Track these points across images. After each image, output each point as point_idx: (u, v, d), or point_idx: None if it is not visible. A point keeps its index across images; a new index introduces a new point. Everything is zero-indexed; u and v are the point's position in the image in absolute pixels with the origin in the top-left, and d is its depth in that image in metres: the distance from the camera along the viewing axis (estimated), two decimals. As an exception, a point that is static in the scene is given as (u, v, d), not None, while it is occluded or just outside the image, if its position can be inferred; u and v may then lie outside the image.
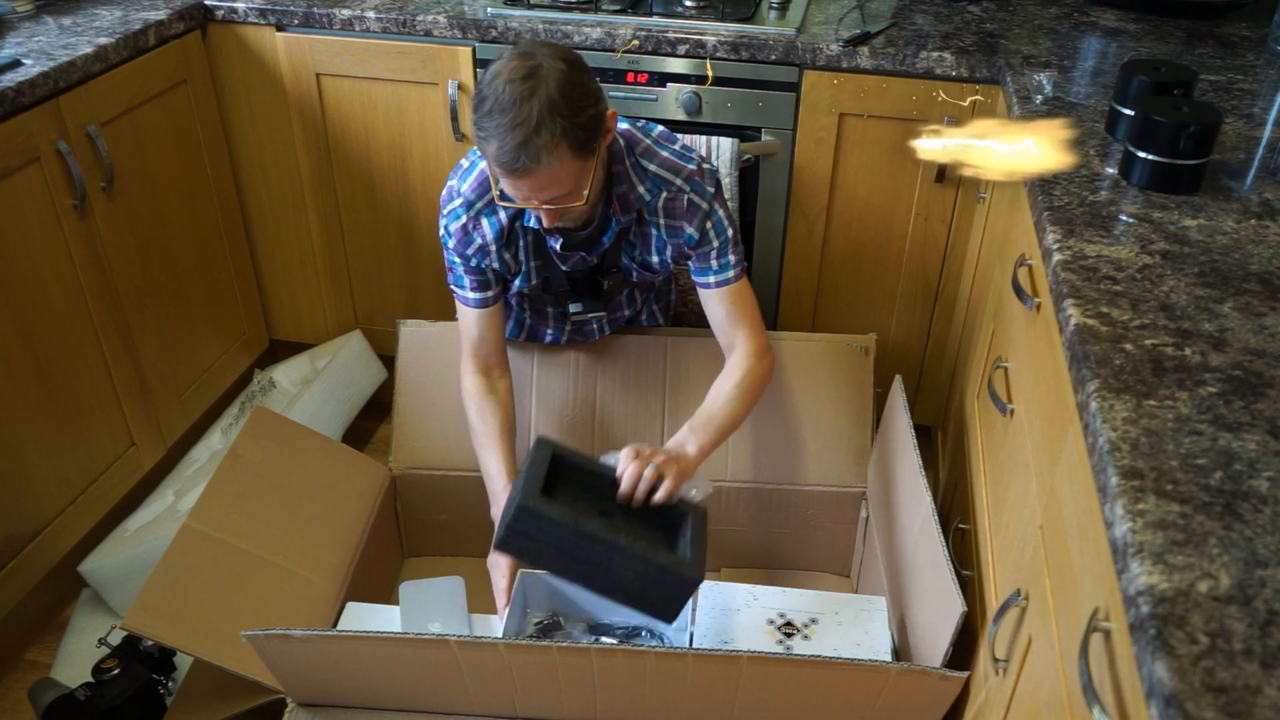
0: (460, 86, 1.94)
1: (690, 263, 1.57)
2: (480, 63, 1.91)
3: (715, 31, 1.83)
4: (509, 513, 1.28)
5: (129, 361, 1.89)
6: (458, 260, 1.53)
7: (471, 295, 1.57)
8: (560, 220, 1.40)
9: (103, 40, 1.74)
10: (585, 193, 1.35)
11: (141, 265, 1.90)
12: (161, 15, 1.88)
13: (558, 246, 1.51)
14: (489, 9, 1.90)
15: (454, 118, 1.96)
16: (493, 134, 1.27)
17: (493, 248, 1.51)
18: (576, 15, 1.89)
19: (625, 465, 1.34)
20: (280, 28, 1.97)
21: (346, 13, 1.91)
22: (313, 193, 2.14)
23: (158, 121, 1.90)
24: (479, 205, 1.48)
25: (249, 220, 2.22)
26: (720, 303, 1.56)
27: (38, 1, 1.92)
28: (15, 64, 1.63)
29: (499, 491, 1.54)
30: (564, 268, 1.56)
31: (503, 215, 1.48)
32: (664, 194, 1.48)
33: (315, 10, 1.92)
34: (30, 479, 1.71)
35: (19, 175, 1.60)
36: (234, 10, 1.95)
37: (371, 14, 1.90)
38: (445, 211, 1.50)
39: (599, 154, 1.35)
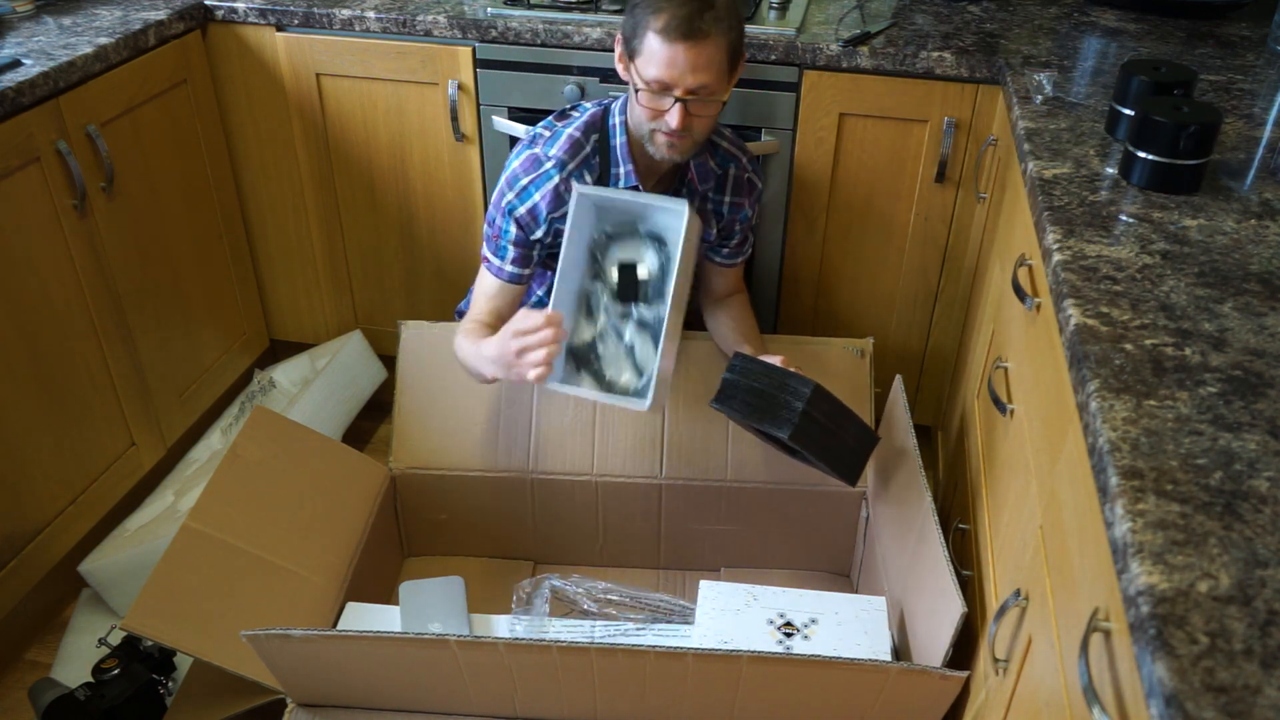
0: (460, 86, 1.94)
1: (724, 243, 1.68)
2: (480, 63, 1.91)
3: (715, 31, 1.82)
4: (796, 400, 1.42)
5: (129, 361, 1.89)
6: (515, 231, 1.55)
7: (509, 269, 1.58)
8: (686, 134, 1.44)
9: (103, 40, 1.74)
10: (725, 96, 1.44)
11: (141, 265, 1.90)
12: (161, 15, 1.88)
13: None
14: (489, 9, 1.90)
15: (454, 118, 1.96)
16: (667, 5, 1.36)
17: None
18: (576, 15, 1.89)
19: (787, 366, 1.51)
20: (280, 28, 1.97)
21: (346, 13, 1.91)
22: (313, 193, 2.14)
23: (158, 121, 1.90)
24: (571, 165, 1.52)
25: (249, 220, 2.22)
26: (733, 272, 1.75)
27: (38, 1, 1.93)
28: (15, 64, 1.63)
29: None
30: None
31: (589, 179, 1.54)
32: (733, 169, 1.60)
33: (315, 10, 1.92)
34: (30, 479, 1.71)
35: (19, 175, 1.60)
36: (234, 10, 1.96)
37: (371, 14, 1.90)
38: (528, 179, 1.52)
39: (736, 73, 1.46)
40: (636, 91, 1.44)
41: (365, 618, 1.56)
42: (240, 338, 2.26)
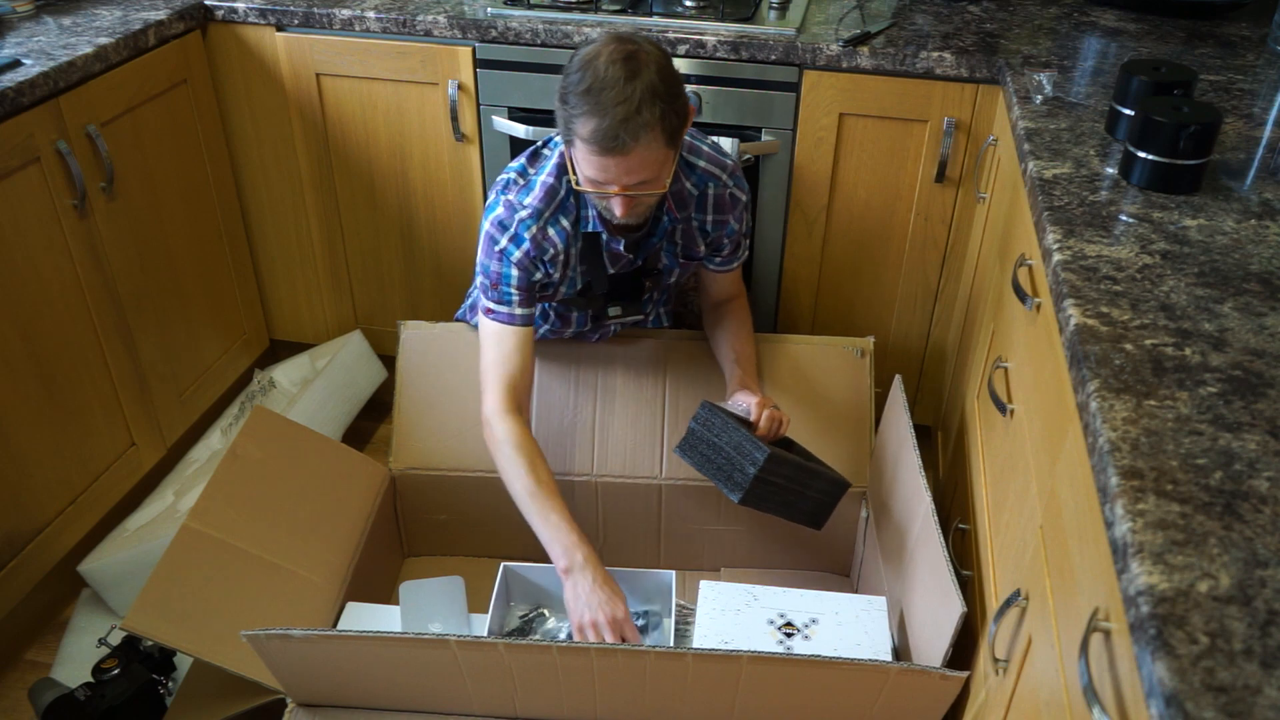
0: (460, 86, 1.94)
1: (715, 254, 1.66)
2: (480, 63, 1.91)
3: (715, 31, 1.83)
4: (750, 465, 1.44)
5: (129, 361, 1.89)
6: (516, 274, 1.51)
7: (520, 312, 1.53)
8: (633, 212, 1.42)
9: (103, 40, 1.74)
10: (666, 181, 1.40)
11: (141, 265, 1.90)
12: (161, 15, 1.88)
13: (620, 248, 1.53)
14: (489, 9, 1.90)
15: (454, 118, 1.96)
16: (592, 111, 1.30)
17: (561, 256, 1.52)
18: (576, 15, 1.89)
19: (759, 411, 1.52)
20: (280, 28, 1.97)
21: (346, 13, 1.91)
22: (313, 193, 2.14)
23: (158, 121, 1.90)
24: (547, 214, 1.50)
25: (249, 220, 2.22)
26: (728, 277, 1.72)
27: (38, 1, 1.93)
28: (15, 64, 1.63)
29: (570, 545, 1.44)
30: (610, 270, 1.57)
31: (566, 223, 1.50)
32: (713, 189, 1.56)
33: (315, 10, 1.92)
34: (30, 479, 1.71)
35: (19, 175, 1.60)
36: (234, 10, 1.96)
37: (371, 14, 1.90)
38: (514, 226, 1.49)
39: (678, 147, 1.41)
40: (579, 180, 1.40)
41: (365, 618, 1.56)
42: (240, 338, 2.26)
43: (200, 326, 2.11)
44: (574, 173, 1.41)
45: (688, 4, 1.91)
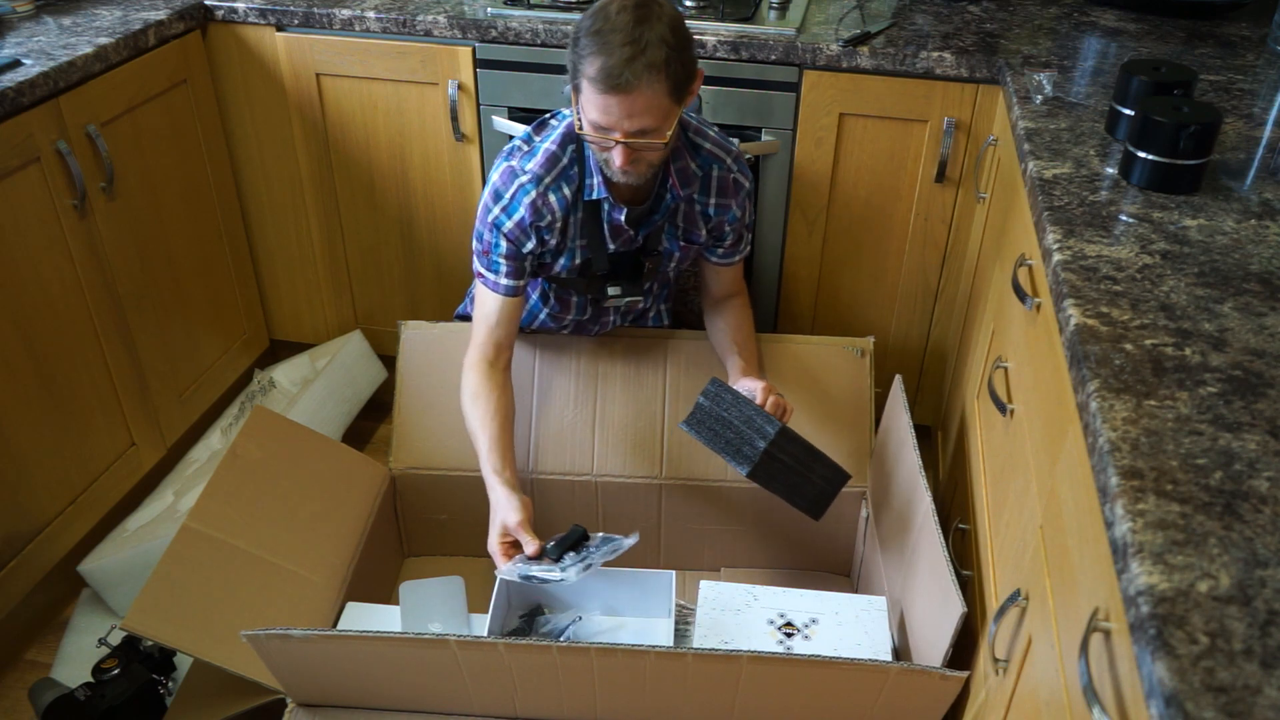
0: (460, 86, 1.94)
1: (717, 244, 1.67)
2: (480, 63, 1.91)
3: (715, 31, 1.83)
4: (760, 439, 1.45)
5: (129, 361, 1.89)
6: (505, 245, 1.54)
7: (505, 282, 1.57)
8: (634, 168, 1.43)
9: (103, 40, 1.74)
10: (667, 134, 1.41)
11: (141, 265, 1.90)
12: (161, 15, 1.88)
13: (621, 219, 1.54)
14: (489, 9, 1.90)
15: (454, 118, 1.96)
16: (600, 50, 1.33)
17: (559, 223, 1.54)
18: (576, 15, 1.89)
19: (764, 396, 1.53)
20: (280, 28, 1.97)
21: (346, 13, 1.91)
22: (313, 193, 2.14)
23: (158, 121, 1.90)
24: (548, 180, 1.51)
25: (249, 220, 2.22)
26: (730, 272, 1.73)
27: (38, 1, 1.92)
28: (15, 64, 1.63)
29: (490, 484, 1.52)
30: (611, 247, 1.58)
31: (568, 191, 1.52)
32: (716, 170, 1.58)
33: (315, 10, 1.92)
34: (30, 479, 1.71)
35: (19, 175, 1.60)
36: (234, 10, 1.96)
37: (371, 14, 1.90)
38: (509, 194, 1.52)
39: (682, 108, 1.43)
40: (582, 125, 1.42)
41: (365, 618, 1.56)
42: (240, 338, 2.26)
43: (200, 326, 2.11)
44: (579, 121, 1.42)
45: (688, 4, 1.91)
